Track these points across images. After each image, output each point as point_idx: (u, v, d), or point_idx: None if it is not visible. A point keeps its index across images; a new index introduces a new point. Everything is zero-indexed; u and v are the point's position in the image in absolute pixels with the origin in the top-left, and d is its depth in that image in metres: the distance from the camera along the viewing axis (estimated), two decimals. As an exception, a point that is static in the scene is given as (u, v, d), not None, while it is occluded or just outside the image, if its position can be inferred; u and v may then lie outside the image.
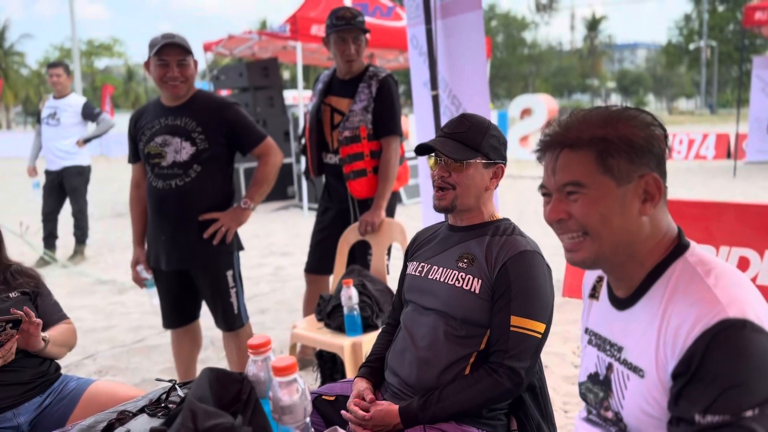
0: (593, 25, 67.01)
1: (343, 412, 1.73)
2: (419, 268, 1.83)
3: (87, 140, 6.08)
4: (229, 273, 2.77)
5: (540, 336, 1.61)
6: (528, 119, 16.05)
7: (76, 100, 6.04)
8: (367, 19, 3.10)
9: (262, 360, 1.24)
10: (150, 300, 3.03)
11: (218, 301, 2.78)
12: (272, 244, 6.95)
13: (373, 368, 1.86)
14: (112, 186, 12.10)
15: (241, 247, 2.85)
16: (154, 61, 2.58)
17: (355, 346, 2.59)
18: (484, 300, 1.65)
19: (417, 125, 3.84)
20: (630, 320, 1.13)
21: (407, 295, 1.85)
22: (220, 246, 2.70)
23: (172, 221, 2.67)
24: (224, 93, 10.13)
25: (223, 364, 3.33)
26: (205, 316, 3.01)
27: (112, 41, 54.14)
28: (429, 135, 3.60)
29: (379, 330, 2.60)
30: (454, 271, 1.71)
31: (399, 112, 3.12)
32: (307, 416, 1.12)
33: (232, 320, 2.81)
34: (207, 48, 9.58)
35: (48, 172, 6.06)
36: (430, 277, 1.77)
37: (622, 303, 1.16)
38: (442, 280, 1.72)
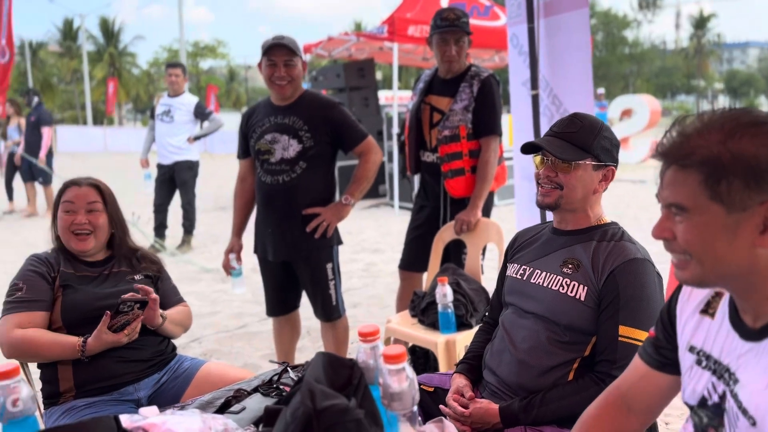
0: (701, 23, 63.30)
1: (441, 406, 1.75)
2: (521, 271, 1.82)
3: (197, 137, 6.42)
4: (329, 266, 2.87)
5: None
6: (628, 120, 15.39)
7: (189, 99, 6.39)
8: (465, 19, 3.11)
9: (371, 348, 1.29)
10: (232, 288, 3.19)
11: (318, 292, 2.88)
12: (364, 241, 7.08)
13: (472, 366, 1.87)
14: (216, 181, 12.68)
15: (340, 242, 2.95)
16: (264, 62, 2.72)
17: (449, 344, 2.61)
18: (589, 307, 1.62)
19: (514, 125, 3.80)
20: (754, 353, 1.01)
21: (507, 298, 1.85)
22: (322, 240, 2.81)
23: (279, 215, 2.80)
24: (320, 92, 10.39)
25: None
26: (303, 307, 3.12)
27: (216, 43, 56.78)
28: (527, 135, 3.55)
29: (473, 329, 2.62)
30: (558, 277, 1.69)
31: (500, 112, 3.11)
32: (415, 404, 1.16)
33: (330, 311, 2.92)
34: (307, 50, 9.88)
35: (160, 166, 6.42)
36: (533, 281, 1.75)
37: (748, 333, 1.03)
38: (545, 285, 1.71)
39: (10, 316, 1.92)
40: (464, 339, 2.61)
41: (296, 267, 2.89)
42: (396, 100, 8.80)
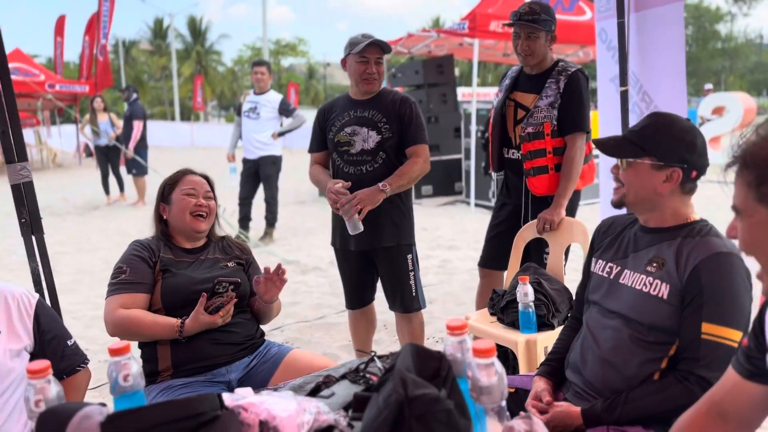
0: (804, 14, 59.17)
1: (521, 413, 1.75)
2: (607, 269, 1.79)
3: (281, 133, 6.61)
4: (409, 257, 2.92)
5: (735, 344, 1.50)
6: (719, 119, 14.59)
7: (275, 97, 6.58)
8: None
9: (458, 341, 1.31)
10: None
11: (398, 283, 2.92)
12: (439, 238, 7.07)
13: (554, 368, 1.86)
14: (296, 175, 12.95)
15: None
16: (354, 58, 2.80)
17: (529, 343, 2.58)
18: (672, 306, 1.58)
19: (601, 122, 3.72)
20: None
21: (592, 296, 1.82)
22: (402, 231, 2.85)
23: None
24: (397, 89, 10.44)
25: (395, 347, 3.49)
26: (378, 300, 3.16)
27: (296, 41, 57.99)
28: (614, 132, 3.46)
29: (555, 330, 2.58)
30: (642, 275, 1.66)
31: (587, 109, 3.01)
32: (504, 399, 1.17)
33: (410, 302, 2.95)
34: (386, 46, 9.94)
35: (246, 161, 6.64)
36: (621, 281, 1.73)
37: None
38: (631, 284, 1.69)
39: (115, 296, 2.07)
40: (545, 340, 2.57)
41: (375, 257, 2.94)
42: (475, 97, 8.73)
